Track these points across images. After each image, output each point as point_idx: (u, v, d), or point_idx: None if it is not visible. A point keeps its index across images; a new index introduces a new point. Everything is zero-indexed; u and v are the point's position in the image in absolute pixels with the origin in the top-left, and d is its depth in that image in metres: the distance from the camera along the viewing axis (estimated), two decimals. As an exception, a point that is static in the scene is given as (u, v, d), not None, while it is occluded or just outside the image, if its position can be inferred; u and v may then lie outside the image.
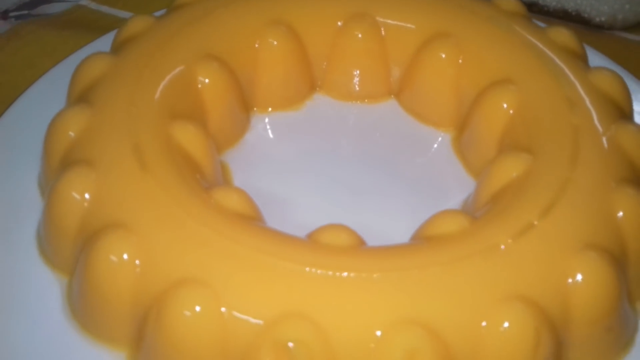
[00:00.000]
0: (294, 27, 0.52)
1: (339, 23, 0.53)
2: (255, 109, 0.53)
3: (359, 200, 0.49)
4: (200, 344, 0.35)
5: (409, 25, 0.52)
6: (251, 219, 0.40)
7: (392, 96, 0.55)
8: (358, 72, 0.54)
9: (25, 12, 0.67)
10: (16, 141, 0.48)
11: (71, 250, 0.40)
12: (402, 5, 0.53)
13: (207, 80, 0.48)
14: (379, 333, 0.34)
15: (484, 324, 0.35)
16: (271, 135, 0.53)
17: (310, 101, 0.55)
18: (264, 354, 0.34)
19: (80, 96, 0.45)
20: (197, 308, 0.35)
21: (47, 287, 0.41)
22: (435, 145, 0.53)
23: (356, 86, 0.55)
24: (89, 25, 0.64)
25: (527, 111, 0.46)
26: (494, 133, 0.48)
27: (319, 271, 0.36)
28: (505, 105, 0.47)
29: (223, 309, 0.35)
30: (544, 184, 0.40)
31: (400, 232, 0.42)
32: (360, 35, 0.52)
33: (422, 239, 0.40)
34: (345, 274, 0.36)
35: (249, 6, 0.51)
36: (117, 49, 0.48)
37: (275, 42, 0.51)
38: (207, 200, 0.39)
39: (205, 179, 0.43)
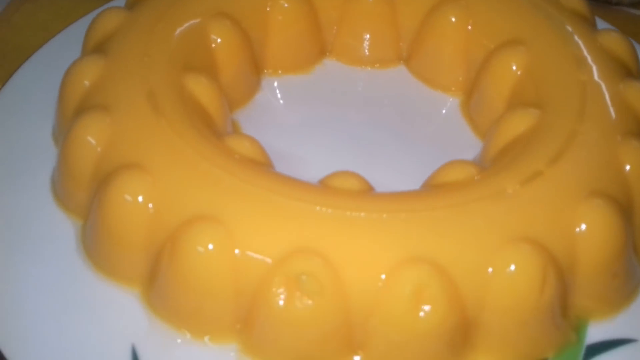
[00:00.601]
0: (305, -10, 0.52)
1: (350, -13, 0.53)
2: (265, 71, 0.54)
3: (368, 160, 0.49)
4: (213, 279, 0.36)
5: (419, -12, 0.53)
6: (263, 165, 0.41)
7: (402, 62, 0.56)
8: (368, 36, 0.55)
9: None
10: (30, 97, 0.49)
11: (86, 193, 0.40)
12: (411, -31, 0.54)
13: (219, 39, 0.48)
14: (388, 269, 0.35)
15: (491, 264, 0.36)
16: (281, 98, 0.54)
17: (320, 66, 0.56)
18: (276, 286, 0.35)
19: (95, 48, 0.46)
20: (210, 244, 0.36)
21: (61, 230, 0.41)
22: (444, 110, 0.53)
23: (366, 51, 0.55)
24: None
25: (536, 71, 0.47)
26: (503, 94, 0.48)
27: (329, 210, 0.36)
28: (514, 66, 0.48)
29: (235, 245, 0.36)
30: (552, 136, 0.41)
31: (409, 187, 0.43)
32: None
33: (431, 186, 0.40)
34: (355, 213, 0.36)
35: (262, -32, 0.52)
36: (131, 6, 0.49)
37: (286, 5, 0.52)
38: (220, 146, 0.40)
39: (217, 131, 0.44)
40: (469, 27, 0.51)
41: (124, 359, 0.36)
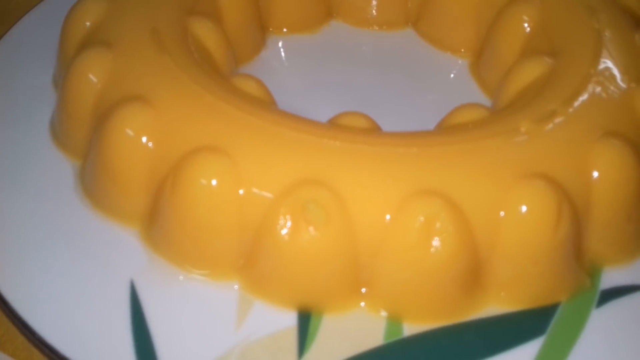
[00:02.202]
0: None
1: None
2: (271, 29, 0.53)
3: (376, 118, 0.48)
4: (216, 212, 0.34)
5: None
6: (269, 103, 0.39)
7: (410, 24, 0.55)
8: (373, -3, 0.54)
9: None
10: (31, 46, 0.48)
11: (85, 131, 0.39)
12: None
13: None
14: (397, 201, 0.34)
15: (504, 199, 0.34)
16: (286, 57, 0.52)
17: (327, 26, 0.55)
18: (281, 217, 0.33)
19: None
20: (214, 175, 0.34)
21: (59, 169, 0.40)
22: (453, 72, 0.52)
23: (373, 12, 0.54)
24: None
25: (548, 22, 0.46)
26: (514, 49, 0.47)
27: (337, 143, 0.35)
28: (525, 19, 0.47)
29: (240, 177, 0.34)
30: (566, 79, 0.40)
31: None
32: (378, -41, 0.52)
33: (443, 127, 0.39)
34: (364, 146, 0.35)
35: None
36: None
37: (294, -39, 0.51)
38: (225, 83, 0.39)
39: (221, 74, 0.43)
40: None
41: (122, 295, 0.35)
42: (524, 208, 0.34)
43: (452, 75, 0.52)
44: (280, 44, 0.53)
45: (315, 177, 0.34)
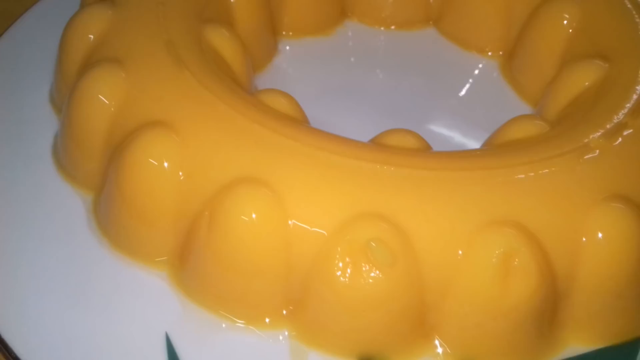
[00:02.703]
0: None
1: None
2: (283, 32, 0.48)
3: (401, 125, 0.44)
4: (261, 252, 0.30)
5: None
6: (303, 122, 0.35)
7: (431, 23, 0.51)
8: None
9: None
10: (21, 60, 0.43)
11: (99, 160, 0.34)
12: None
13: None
14: (468, 235, 0.30)
15: (582, 226, 0.31)
16: (301, 62, 0.48)
17: (341, 27, 0.51)
18: (337, 258, 0.29)
19: (98, -1, 0.40)
20: (258, 211, 0.30)
21: (69, 205, 0.35)
22: (481, 73, 0.48)
23: (391, 10, 0.50)
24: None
25: (592, 22, 0.42)
26: (554, 50, 0.43)
27: (393, 169, 0.31)
28: (566, 19, 0.43)
29: (287, 212, 0.30)
30: (628, 86, 0.36)
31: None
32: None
33: (499, 144, 0.35)
34: (424, 171, 0.31)
35: None
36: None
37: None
38: (254, 100, 0.34)
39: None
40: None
41: (158, 352, 0.30)
42: (605, 234, 0.31)
43: (480, 77, 0.48)
44: (293, 49, 0.49)
45: (374, 209, 0.30)
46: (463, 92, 0.47)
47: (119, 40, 0.36)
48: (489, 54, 0.49)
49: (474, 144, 0.42)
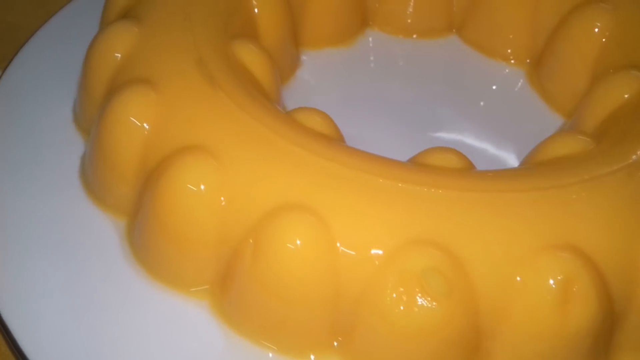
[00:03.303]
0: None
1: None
2: (304, 44, 0.47)
3: (431, 138, 0.43)
4: (308, 282, 0.29)
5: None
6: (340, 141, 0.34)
7: (454, 30, 0.50)
8: (413, 2, 0.49)
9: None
10: (37, 80, 0.42)
11: (132, 184, 0.33)
12: None
13: (261, 4, 0.42)
14: (525, 261, 0.29)
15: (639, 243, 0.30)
16: (323, 74, 0.47)
17: (362, 37, 0.50)
18: (390, 287, 0.28)
19: (121, 15, 0.38)
20: (305, 239, 0.29)
21: (101, 232, 0.34)
22: (503, 80, 0.47)
23: (413, 18, 0.49)
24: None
25: (625, 31, 0.41)
26: (586, 60, 0.42)
27: (442, 192, 0.30)
28: (598, 26, 0.42)
29: (335, 239, 0.29)
30: (673, 98, 0.35)
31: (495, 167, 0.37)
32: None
33: (544, 162, 0.34)
34: (475, 194, 0.30)
35: None
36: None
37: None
38: (291, 120, 0.33)
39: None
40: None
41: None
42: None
43: (504, 86, 0.47)
44: (314, 60, 0.47)
45: (425, 236, 0.29)
46: (489, 101, 0.46)
47: (147, 59, 0.35)
48: (512, 61, 0.48)
49: (508, 157, 0.41)
